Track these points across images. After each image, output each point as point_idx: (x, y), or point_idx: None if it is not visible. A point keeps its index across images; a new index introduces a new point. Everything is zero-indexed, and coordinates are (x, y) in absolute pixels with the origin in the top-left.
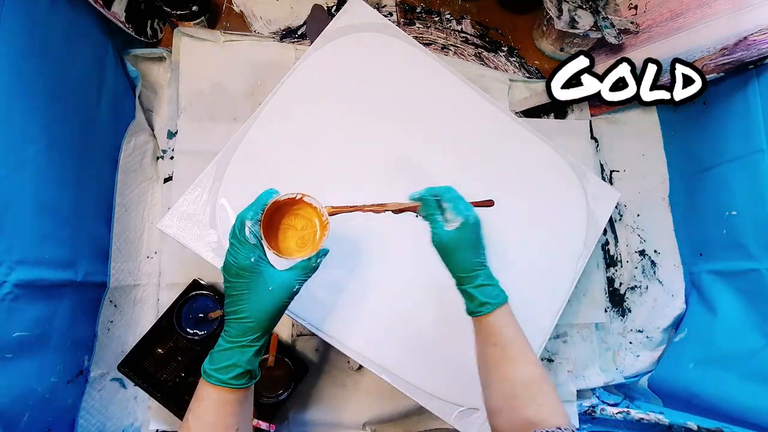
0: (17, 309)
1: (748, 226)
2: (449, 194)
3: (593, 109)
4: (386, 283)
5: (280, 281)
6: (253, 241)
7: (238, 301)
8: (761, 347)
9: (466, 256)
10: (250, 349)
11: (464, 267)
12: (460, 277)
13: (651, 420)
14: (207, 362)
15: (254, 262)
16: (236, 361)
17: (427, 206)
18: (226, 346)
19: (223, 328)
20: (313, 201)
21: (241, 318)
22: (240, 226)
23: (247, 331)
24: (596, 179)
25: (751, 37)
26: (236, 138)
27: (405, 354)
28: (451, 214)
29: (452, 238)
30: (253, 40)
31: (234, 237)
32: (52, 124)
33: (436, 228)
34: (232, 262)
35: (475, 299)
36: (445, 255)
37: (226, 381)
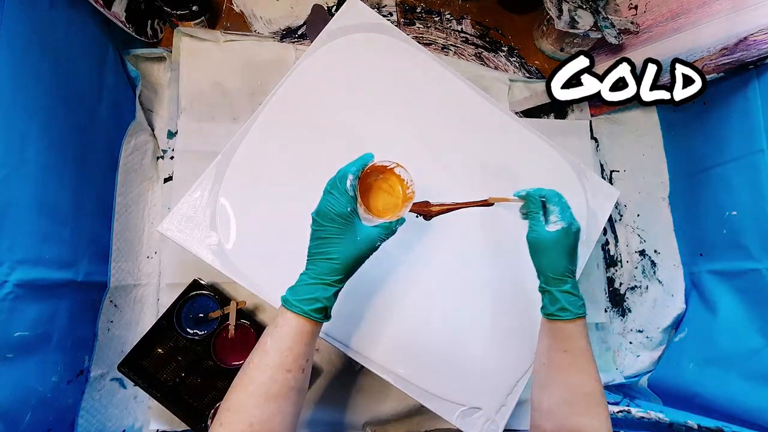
0: (18, 309)
1: (748, 226)
2: (558, 198)
3: (593, 109)
4: (388, 284)
5: (366, 234)
6: (351, 194)
7: (329, 243)
8: (761, 347)
9: (560, 260)
10: (332, 288)
11: (556, 269)
12: (549, 277)
13: (652, 418)
14: (289, 293)
15: (350, 211)
16: (319, 296)
17: (531, 203)
18: (310, 281)
19: (306, 267)
20: (403, 173)
21: (330, 258)
22: (342, 178)
23: (333, 270)
24: (596, 178)
25: (751, 37)
26: (236, 138)
27: (406, 354)
28: (556, 216)
29: (551, 239)
30: (253, 40)
31: (334, 187)
32: (52, 124)
33: (536, 225)
34: (330, 208)
35: (557, 302)
36: (539, 252)
37: (308, 312)
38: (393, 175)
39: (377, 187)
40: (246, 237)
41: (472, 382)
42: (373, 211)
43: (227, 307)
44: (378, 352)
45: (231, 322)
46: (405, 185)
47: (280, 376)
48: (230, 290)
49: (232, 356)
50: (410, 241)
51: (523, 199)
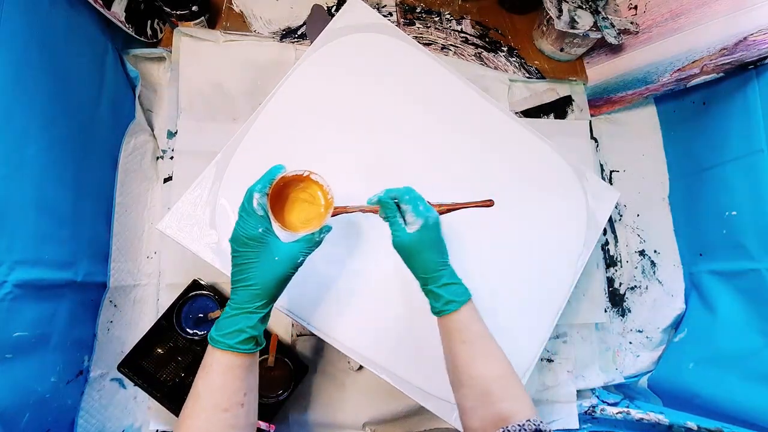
0: (17, 309)
1: (748, 226)
2: (408, 195)
3: (593, 109)
4: (386, 284)
5: (285, 252)
6: (261, 213)
7: (246, 269)
8: (761, 347)
9: (429, 257)
10: (255, 315)
11: (428, 268)
12: (424, 278)
13: (651, 420)
14: (214, 330)
15: (261, 233)
16: (243, 327)
17: (385, 209)
18: (232, 313)
19: (231, 298)
20: (319, 179)
21: (249, 285)
22: (249, 198)
23: (253, 297)
24: (596, 179)
25: (751, 37)
26: (236, 138)
27: (405, 354)
28: (411, 216)
29: (413, 240)
30: (253, 40)
31: (243, 209)
32: (52, 124)
33: (396, 230)
34: (241, 232)
35: (440, 298)
36: (407, 257)
37: (233, 345)
38: (312, 183)
39: (297, 198)
40: None
41: None
42: (289, 226)
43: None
44: (377, 352)
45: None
46: (325, 191)
47: (216, 418)
48: (230, 290)
49: None
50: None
51: (377, 206)
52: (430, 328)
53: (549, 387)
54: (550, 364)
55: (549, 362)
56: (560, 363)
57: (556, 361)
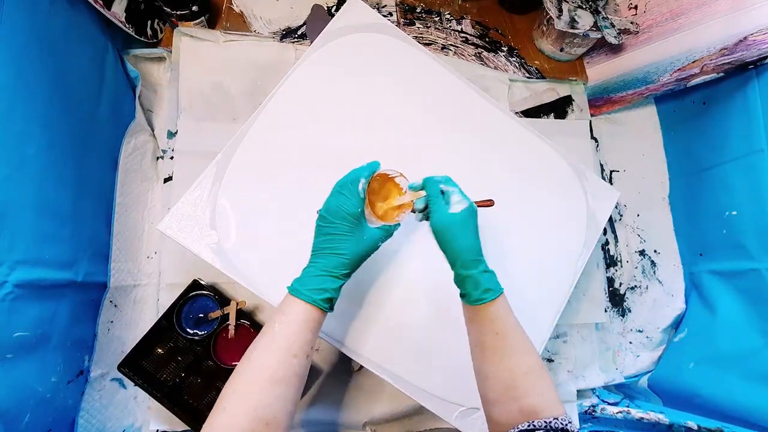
0: (17, 309)
1: (748, 226)
2: (453, 182)
3: (593, 109)
4: (386, 285)
5: (371, 234)
6: (362, 196)
7: (339, 240)
8: (761, 347)
9: (472, 240)
10: (339, 281)
11: (470, 250)
12: (465, 261)
13: (651, 419)
14: (297, 283)
15: (359, 212)
16: (327, 287)
17: (430, 188)
18: (319, 273)
19: (312, 261)
20: (402, 182)
21: (340, 253)
22: (354, 181)
23: (341, 264)
24: (596, 179)
25: (751, 37)
26: (236, 138)
27: (405, 354)
28: (458, 196)
29: (459, 220)
30: (253, 40)
31: (345, 188)
32: (52, 124)
33: (439, 209)
34: (341, 207)
35: (480, 285)
36: (449, 237)
37: (317, 300)
38: (392, 183)
39: (377, 191)
40: (246, 236)
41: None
42: (376, 215)
43: (227, 307)
44: (377, 352)
45: (231, 323)
46: (402, 193)
47: (287, 361)
48: (230, 290)
49: (232, 356)
50: (408, 239)
51: (418, 191)
52: (430, 327)
53: None
54: (550, 364)
55: (549, 362)
56: (560, 363)
57: (556, 361)
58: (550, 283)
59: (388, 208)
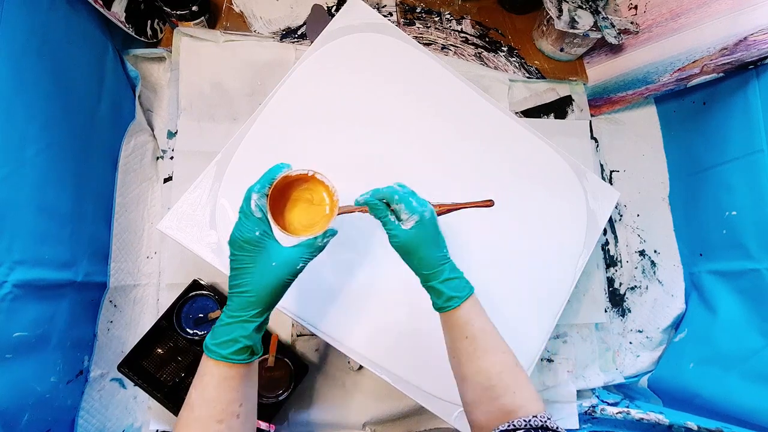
0: (17, 309)
1: (748, 226)
2: (398, 194)
3: (593, 109)
4: (386, 284)
5: (284, 257)
6: (259, 215)
7: (241, 274)
8: (761, 347)
9: (429, 253)
10: (250, 324)
11: (428, 264)
12: (425, 274)
13: (651, 420)
14: (209, 337)
15: (259, 236)
16: (237, 336)
17: (375, 210)
18: (227, 321)
19: (227, 304)
20: (324, 179)
21: (243, 292)
22: (247, 199)
23: (248, 305)
24: (596, 179)
25: (751, 37)
26: (236, 138)
27: (405, 354)
28: (405, 213)
29: (411, 237)
30: (253, 40)
31: (242, 210)
32: (52, 124)
33: (391, 229)
34: (238, 234)
35: (442, 294)
36: (406, 255)
37: (227, 356)
38: (317, 183)
39: (300, 199)
40: None
41: None
42: (290, 229)
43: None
44: (377, 352)
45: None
46: (330, 192)
47: (211, 429)
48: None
49: None
50: None
51: (365, 206)
52: (430, 327)
53: (549, 387)
54: (550, 364)
55: (549, 362)
56: (560, 363)
57: (556, 361)
58: (550, 283)
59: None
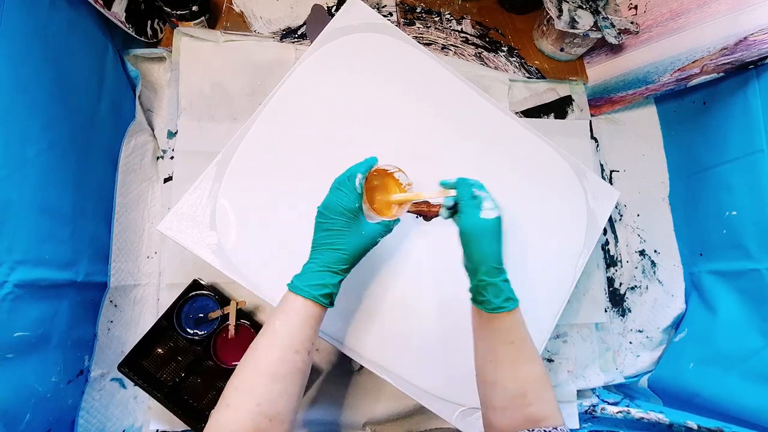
0: (18, 309)
1: (748, 226)
2: (485, 188)
3: (593, 108)
4: (388, 284)
5: (369, 229)
6: (359, 191)
7: (337, 235)
8: (761, 347)
9: (497, 248)
10: (338, 276)
11: (496, 258)
12: (490, 268)
13: (651, 419)
14: (297, 280)
15: (357, 208)
16: (327, 282)
17: (463, 189)
18: (318, 269)
19: (312, 257)
20: (401, 177)
21: (338, 249)
22: (351, 177)
23: (340, 260)
24: (596, 179)
25: (751, 37)
26: (236, 138)
27: (406, 354)
28: (491, 203)
29: (489, 226)
30: (253, 40)
31: (343, 184)
32: (52, 124)
33: (471, 212)
34: (339, 203)
35: (501, 294)
36: (477, 241)
37: (316, 296)
38: (391, 178)
39: (376, 187)
40: (246, 236)
41: (471, 383)
42: (375, 210)
43: (227, 307)
44: (377, 352)
45: (231, 322)
46: (402, 189)
47: (289, 357)
48: (230, 290)
49: (232, 356)
50: (408, 239)
51: (452, 188)
52: (430, 327)
53: None
54: (550, 364)
55: (549, 362)
56: (560, 363)
57: (556, 361)
58: (550, 283)
59: (388, 203)
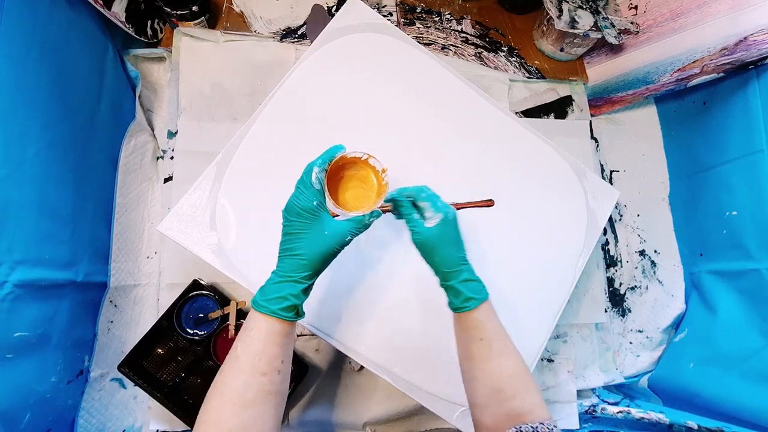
0: (18, 309)
1: (748, 226)
2: (424, 193)
3: (593, 109)
4: (387, 285)
5: (334, 228)
6: (318, 187)
7: (295, 239)
8: (761, 347)
9: (450, 252)
10: (300, 285)
11: (449, 262)
12: (444, 273)
13: (652, 419)
14: (258, 295)
15: (315, 205)
16: (287, 294)
17: (401, 206)
18: (278, 280)
19: (277, 265)
20: (376, 163)
21: (296, 255)
22: (308, 172)
23: (299, 267)
24: (596, 179)
25: (751, 37)
26: (236, 138)
27: (406, 354)
28: (430, 211)
29: (434, 234)
30: (253, 40)
31: (301, 181)
32: (53, 124)
33: (415, 226)
34: (296, 203)
35: (460, 294)
36: (428, 252)
37: (276, 311)
38: (367, 166)
39: (351, 179)
40: (245, 236)
41: None
42: (343, 205)
43: (227, 307)
44: (377, 352)
45: (231, 322)
46: (380, 177)
47: (254, 381)
48: (230, 290)
49: None
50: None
51: (391, 204)
52: (430, 327)
53: (549, 387)
54: (550, 364)
55: (549, 362)
56: (560, 363)
57: (556, 361)
58: (550, 283)
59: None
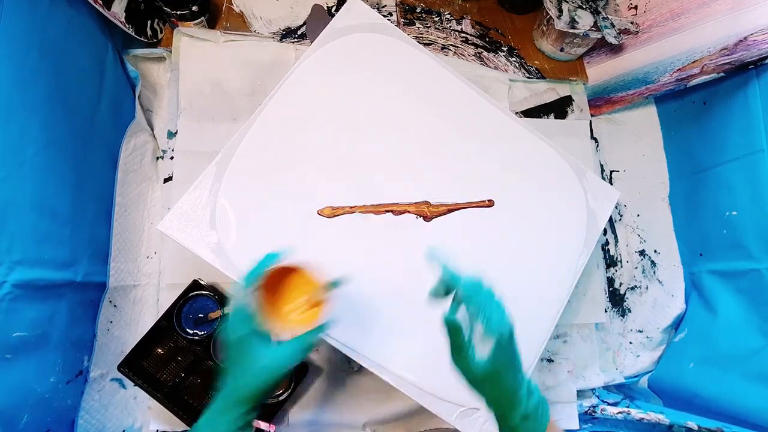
0: (17, 309)
1: (748, 226)
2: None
3: (593, 109)
4: (388, 284)
5: (272, 357)
6: (244, 315)
7: (225, 374)
8: (761, 347)
9: (506, 383)
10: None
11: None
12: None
13: (652, 420)
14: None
15: (243, 336)
16: None
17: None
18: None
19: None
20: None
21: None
22: (235, 297)
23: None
24: (596, 179)
25: (751, 37)
26: (236, 138)
27: (405, 354)
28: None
29: (488, 371)
30: (253, 40)
31: (232, 304)
32: (52, 124)
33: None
34: (223, 335)
35: None
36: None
37: None
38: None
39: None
40: (246, 236)
41: None
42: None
43: (227, 308)
44: (377, 352)
45: None
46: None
47: None
48: (230, 290)
49: None
50: (408, 239)
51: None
52: (431, 328)
53: (549, 387)
54: (550, 364)
55: (549, 362)
56: (560, 363)
57: (556, 361)
58: (550, 283)
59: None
